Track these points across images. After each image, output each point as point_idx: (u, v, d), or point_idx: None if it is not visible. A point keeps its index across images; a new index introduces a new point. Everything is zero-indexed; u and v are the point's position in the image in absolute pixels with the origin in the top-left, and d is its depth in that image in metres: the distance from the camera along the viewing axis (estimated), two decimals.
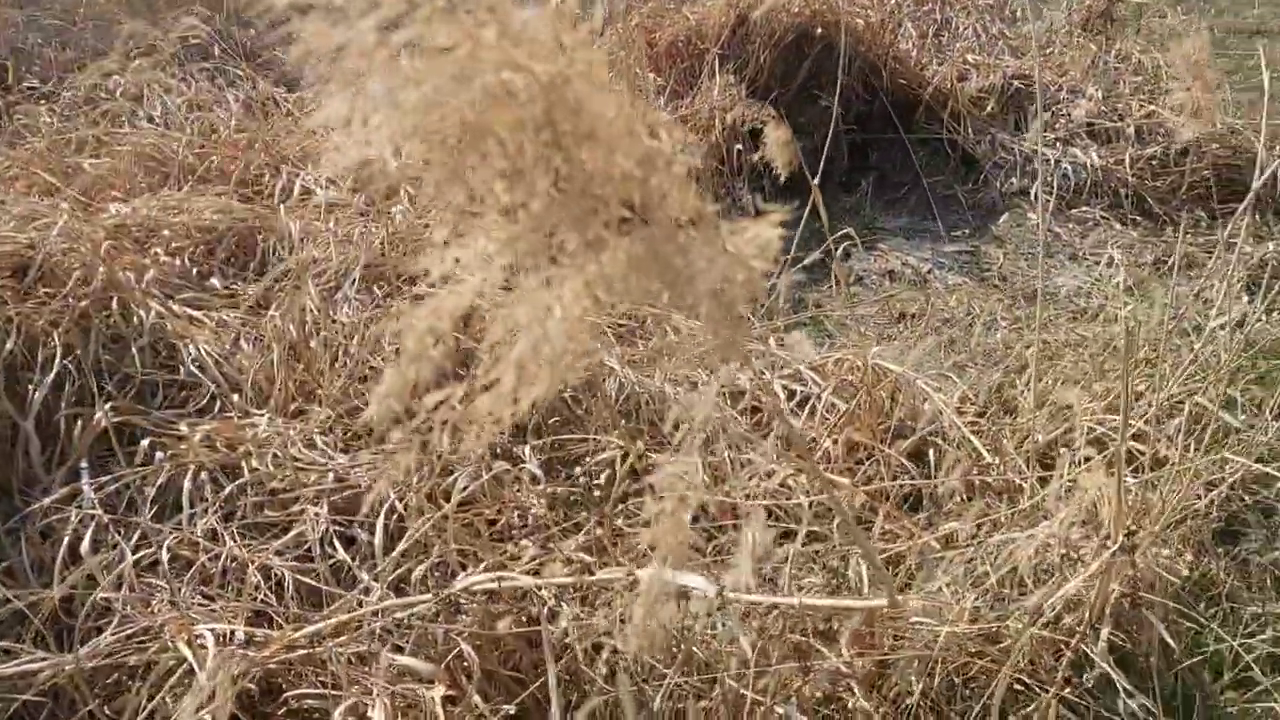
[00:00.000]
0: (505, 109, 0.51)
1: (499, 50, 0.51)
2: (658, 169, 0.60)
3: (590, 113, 0.54)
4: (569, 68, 0.53)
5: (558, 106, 0.53)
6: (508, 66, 0.51)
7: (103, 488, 1.96)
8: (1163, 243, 3.53)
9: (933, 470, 2.13)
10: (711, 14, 4.13)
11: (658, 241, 0.59)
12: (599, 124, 0.55)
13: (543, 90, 0.53)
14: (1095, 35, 5.00)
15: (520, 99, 0.52)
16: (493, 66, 0.50)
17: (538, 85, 0.52)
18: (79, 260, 2.40)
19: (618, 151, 0.56)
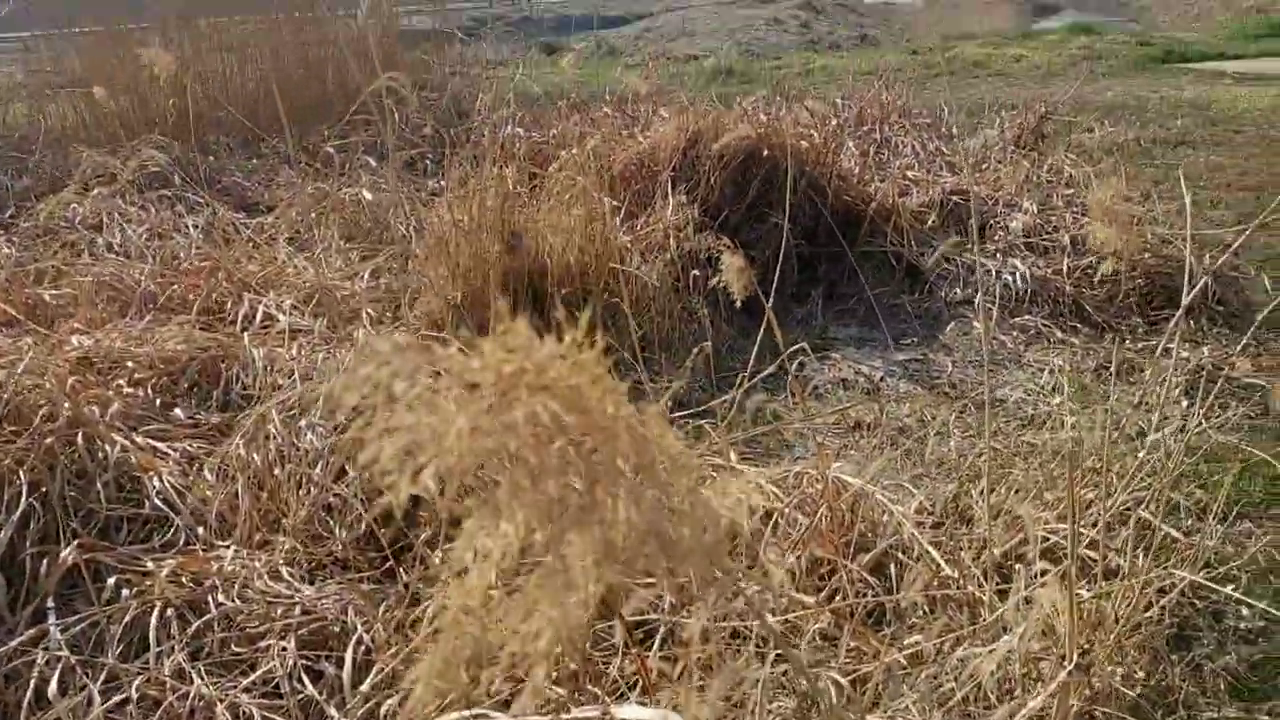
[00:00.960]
0: (531, 432, 0.60)
1: (523, 383, 0.60)
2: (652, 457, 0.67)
3: (596, 410, 0.64)
4: (578, 378, 0.63)
5: (569, 410, 0.63)
6: (532, 394, 0.60)
7: (69, 628, 1.95)
8: (1103, 349, 3.65)
9: (895, 584, 2.18)
10: (664, 138, 4.27)
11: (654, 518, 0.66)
12: (600, 418, 0.64)
13: (558, 401, 0.62)
14: (1028, 151, 5.23)
15: (543, 424, 0.61)
16: (521, 398, 0.59)
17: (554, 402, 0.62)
18: (44, 396, 2.41)
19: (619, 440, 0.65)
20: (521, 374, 0.61)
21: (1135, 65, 11.57)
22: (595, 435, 0.63)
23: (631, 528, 0.63)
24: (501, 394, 0.60)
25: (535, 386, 0.60)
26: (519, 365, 0.61)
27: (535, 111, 6.31)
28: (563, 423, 0.61)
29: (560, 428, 0.61)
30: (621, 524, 0.63)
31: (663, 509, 0.66)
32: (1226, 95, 8.79)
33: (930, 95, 7.50)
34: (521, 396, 0.60)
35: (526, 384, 0.61)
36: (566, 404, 0.62)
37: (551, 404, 0.61)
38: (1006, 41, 15.20)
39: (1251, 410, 3.10)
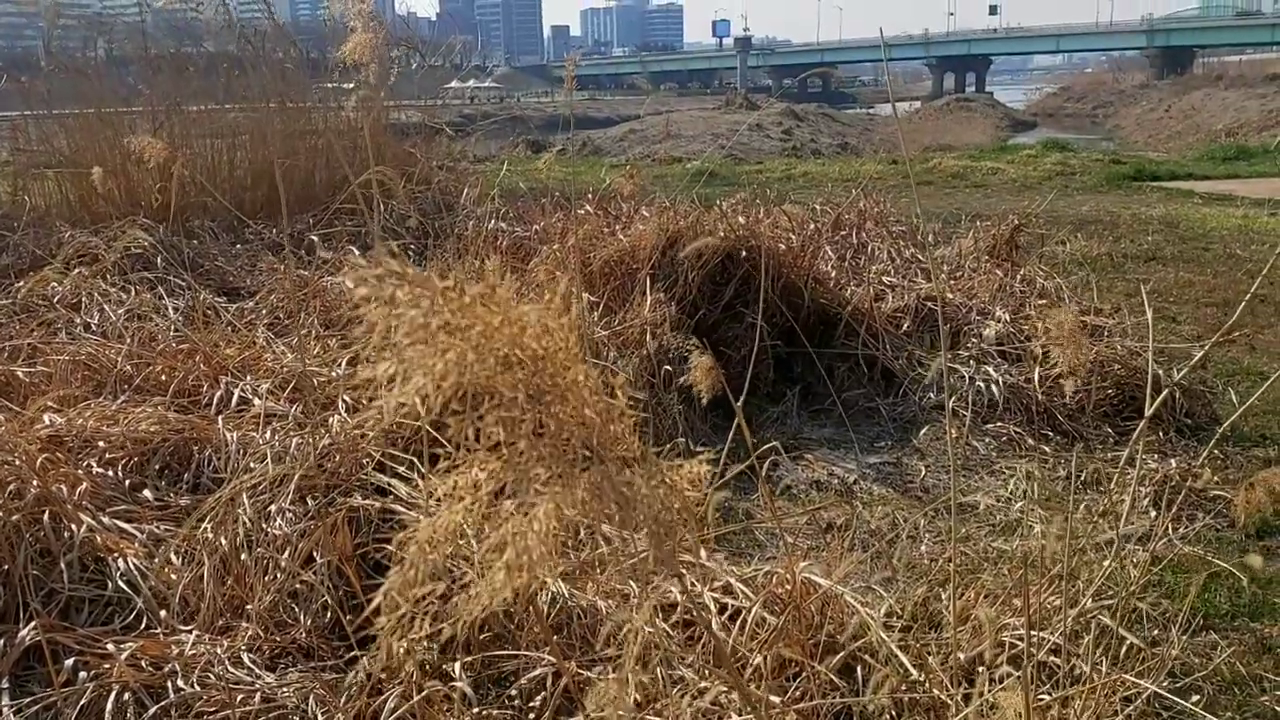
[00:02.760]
0: (507, 375, 0.64)
1: (504, 332, 0.64)
2: (613, 420, 0.73)
3: (566, 378, 0.69)
4: (553, 344, 0.67)
5: (542, 372, 0.67)
6: (511, 343, 0.64)
7: (23, 709, 1.92)
8: (1073, 458, 3.69)
9: (862, 685, 2.16)
10: (644, 237, 4.35)
11: (611, 475, 0.72)
12: (572, 386, 0.70)
13: (533, 360, 0.66)
14: (1002, 261, 5.34)
15: (517, 369, 0.65)
16: (501, 343, 0.64)
17: (531, 358, 0.65)
18: (12, 473, 2.40)
19: (585, 407, 0.69)
20: (503, 326, 0.65)
21: (1108, 182, 11.87)
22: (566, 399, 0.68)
23: (593, 488, 0.68)
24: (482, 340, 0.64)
25: (513, 341, 0.65)
26: (502, 318, 0.65)
27: (519, 207, 6.41)
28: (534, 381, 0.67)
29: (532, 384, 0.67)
30: (584, 481, 0.67)
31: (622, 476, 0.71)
32: (1195, 214, 9.02)
33: (907, 204, 7.67)
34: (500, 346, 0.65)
35: (506, 337, 0.65)
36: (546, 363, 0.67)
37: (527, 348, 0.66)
38: (983, 155, 15.59)
39: (1217, 522, 3.13)
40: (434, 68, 11.63)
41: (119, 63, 8.99)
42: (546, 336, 0.69)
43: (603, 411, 0.74)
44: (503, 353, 0.66)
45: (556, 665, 2.02)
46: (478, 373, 0.66)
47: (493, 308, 0.66)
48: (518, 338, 0.67)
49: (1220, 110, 31.34)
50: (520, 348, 0.67)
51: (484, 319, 0.65)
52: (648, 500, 0.75)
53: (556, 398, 0.71)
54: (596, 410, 0.73)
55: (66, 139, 7.12)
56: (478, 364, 0.65)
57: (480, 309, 0.65)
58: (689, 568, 2.62)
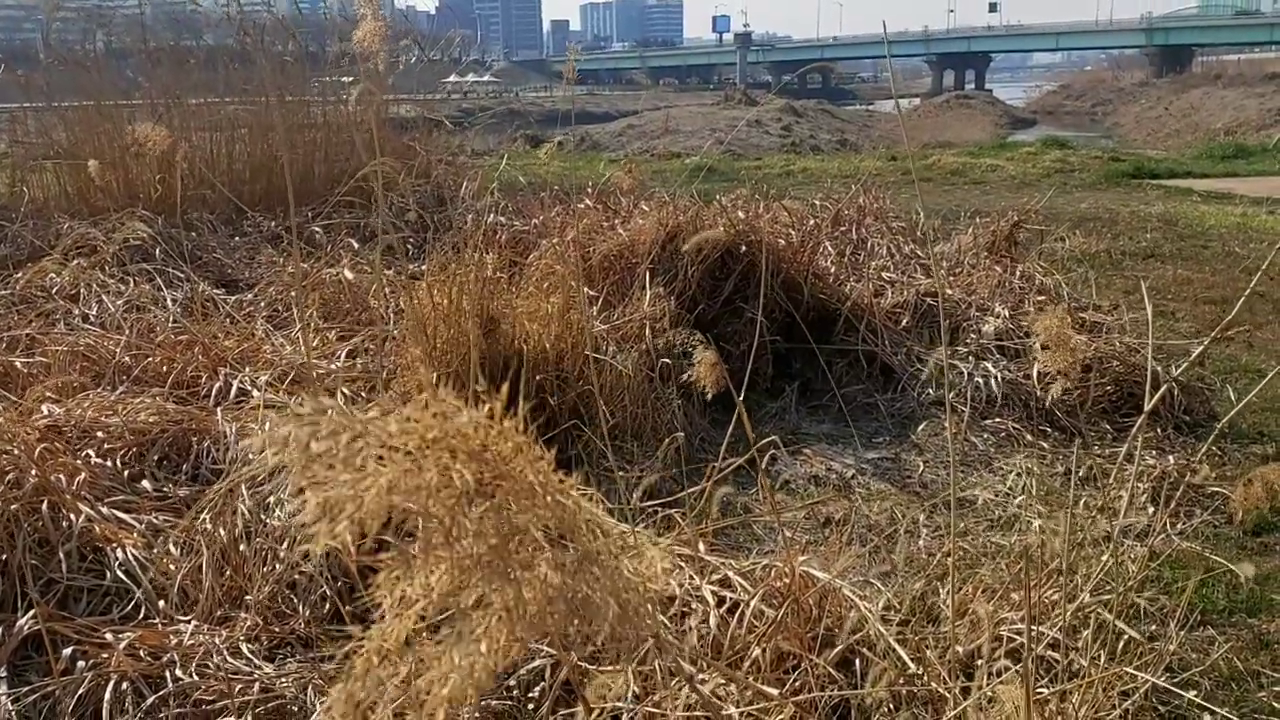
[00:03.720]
0: (444, 492, 0.64)
1: (443, 445, 0.64)
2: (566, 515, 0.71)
3: (513, 469, 0.68)
4: (495, 441, 0.67)
5: (488, 467, 0.66)
6: (448, 454, 0.64)
7: (21, 698, 1.91)
8: (1071, 454, 3.69)
9: (860, 679, 2.17)
10: (644, 232, 4.34)
11: (567, 576, 0.70)
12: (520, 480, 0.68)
13: (474, 458, 0.65)
14: (1001, 257, 5.33)
15: (456, 485, 0.65)
16: (435, 460, 0.64)
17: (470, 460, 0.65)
18: (11, 462, 2.40)
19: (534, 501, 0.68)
20: (443, 439, 0.63)
21: (1107, 179, 11.87)
22: (516, 499, 0.66)
23: (547, 588, 0.66)
24: (420, 456, 0.62)
25: (456, 451, 0.63)
26: (440, 430, 0.63)
27: (518, 201, 6.41)
28: (482, 485, 0.65)
29: (479, 490, 0.65)
30: (538, 583, 0.66)
31: (581, 572, 0.69)
32: (1194, 211, 9.03)
33: (907, 200, 7.67)
34: (441, 459, 0.63)
35: (447, 448, 0.63)
36: (488, 469, 0.65)
37: (468, 469, 0.64)
38: (983, 152, 15.59)
39: (1215, 518, 3.14)
40: (433, 62, 11.60)
41: (118, 55, 8.98)
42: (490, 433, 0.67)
43: (555, 508, 0.71)
44: (436, 472, 0.64)
45: (555, 657, 2.02)
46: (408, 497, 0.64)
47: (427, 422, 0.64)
48: (456, 445, 0.65)
49: (1219, 109, 31.36)
50: (460, 455, 0.65)
51: (419, 434, 0.64)
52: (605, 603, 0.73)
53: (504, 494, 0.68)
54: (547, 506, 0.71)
55: (65, 131, 7.11)
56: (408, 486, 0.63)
57: (414, 424, 0.64)
58: (688, 561, 2.62)
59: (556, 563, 0.68)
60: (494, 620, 0.66)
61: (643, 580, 0.74)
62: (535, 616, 0.67)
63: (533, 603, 0.66)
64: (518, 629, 0.66)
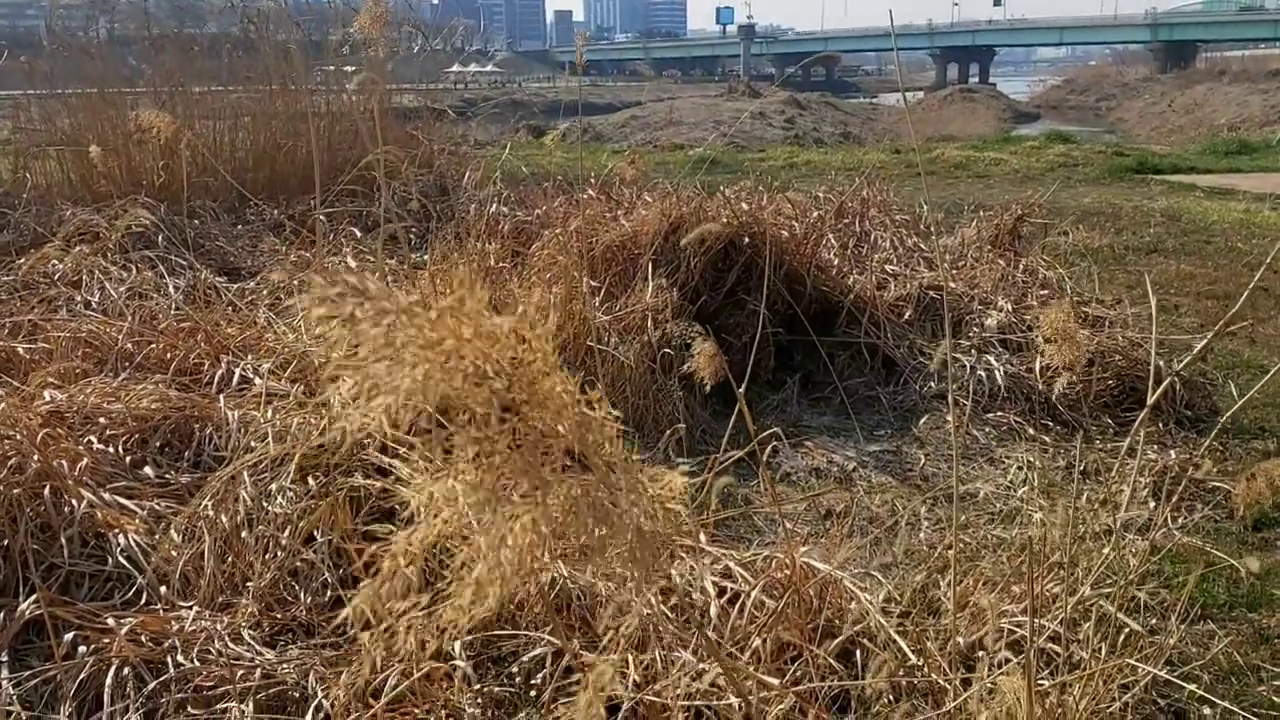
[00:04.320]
0: (478, 389, 0.63)
1: (474, 344, 0.62)
2: (592, 429, 0.71)
3: (541, 388, 0.68)
4: (527, 354, 0.66)
5: (517, 383, 0.66)
6: (482, 357, 0.63)
7: (22, 683, 1.92)
8: (1074, 448, 3.69)
9: (860, 670, 2.17)
10: (646, 223, 4.34)
11: (591, 485, 0.70)
12: (548, 396, 0.68)
13: (506, 372, 0.65)
14: (1004, 251, 5.33)
15: (489, 381, 0.63)
16: (470, 356, 0.62)
17: (503, 370, 0.64)
18: (13, 448, 2.40)
19: (562, 417, 0.68)
20: (473, 340, 0.63)
21: (1110, 174, 11.85)
22: (544, 411, 0.66)
23: (572, 494, 0.66)
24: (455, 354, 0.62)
25: (489, 356, 0.63)
26: (474, 330, 0.63)
27: (521, 191, 6.40)
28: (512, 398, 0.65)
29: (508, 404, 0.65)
30: (564, 490, 0.66)
31: (604, 485, 0.69)
32: (1197, 207, 9.01)
33: (910, 193, 7.65)
34: (476, 361, 0.63)
35: (479, 354, 0.63)
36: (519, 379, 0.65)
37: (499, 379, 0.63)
38: (987, 145, 15.57)
39: (1216, 513, 3.14)
40: (436, 52, 11.58)
41: (121, 42, 8.97)
42: (520, 347, 0.67)
43: (580, 421, 0.71)
44: (472, 368, 0.64)
45: (557, 645, 2.03)
46: (446, 388, 0.64)
47: (462, 320, 0.64)
48: (488, 351, 0.65)
49: (1223, 105, 31.31)
50: (491, 361, 0.65)
51: (453, 332, 0.63)
52: (627, 513, 0.73)
53: (532, 408, 0.68)
54: (573, 419, 0.71)
55: (69, 118, 7.10)
56: (445, 381, 0.63)
57: (450, 321, 0.63)
58: (689, 551, 2.62)
59: (581, 477, 0.68)
60: (520, 523, 0.66)
61: (662, 498, 0.75)
62: (560, 521, 0.67)
63: (558, 508, 0.67)
64: (543, 529, 0.66)
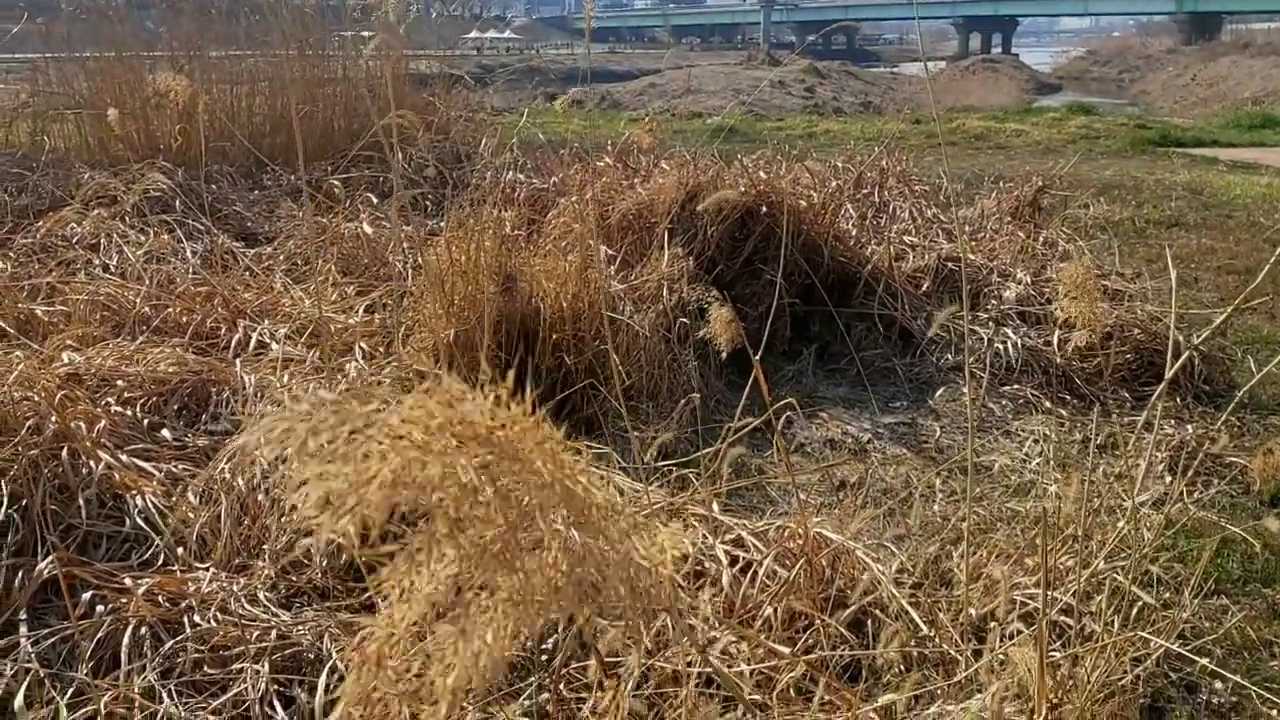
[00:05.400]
0: (452, 481, 0.63)
1: (449, 431, 0.63)
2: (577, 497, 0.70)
3: (521, 456, 0.67)
4: (503, 428, 0.65)
5: (496, 458, 0.65)
6: (455, 441, 0.63)
7: (40, 641, 1.94)
8: (1090, 422, 3.67)
9: (871, 640, 2.18)
10: (663, 191, 4.32)
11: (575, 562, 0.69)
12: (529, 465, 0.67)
13: (481, 443, 0.64)
14: (1024, 223, 5.29)
15: (463, 477, 0.63)
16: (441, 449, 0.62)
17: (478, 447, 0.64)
18: (31, 409, 2.41)
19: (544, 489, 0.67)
20: (448, 425, 0.63)
21: (1132, 147, 11.74)
22: (525, 484, 0.66)
23: (557, 572, 0.65)
24: (425, 444, 0.61)
25: (463, 438, 0.63)
26: (445, 418, 0.63)
27: (537, 158, 6.38)
28: (491, 473, 0.64)
29: (488, 478, 0.64)
30: (548, 569, 0.65)
31: (591, 555, 0.68)
32: (1220, 181, 8.92)
33: (930, 164, 7.59)
34: (447, 449, 0.62)
35: (454, 435, 0.62)
36: (496, 453, 0.64)
37: (474, 457, 0.63)
38: (1008, 116, 15.43)
39: (1232, 488, 3.12)
40: (453, 17, 11.52)
41: (139, 6, 8.94)
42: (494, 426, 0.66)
43: (567, 494, 0.70)
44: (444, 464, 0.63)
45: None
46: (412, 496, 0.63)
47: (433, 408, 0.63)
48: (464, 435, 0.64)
49: (1247, 78, 30.89)
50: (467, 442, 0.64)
51: (423, 422, 0.63)
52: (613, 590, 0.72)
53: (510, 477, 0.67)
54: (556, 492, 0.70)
55: (86, 81, 7.10)
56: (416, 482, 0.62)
57: (420, 410, 0.63)
58: (701, 520, 2.63)
59: (566, 547, 0.67)
60: (500, 608, 0.66)
61: (654, 563, 0.74)
62: (543, 602, 0.66)
63: (541, 588, 0.66)
64: (526, 615, 0.66)
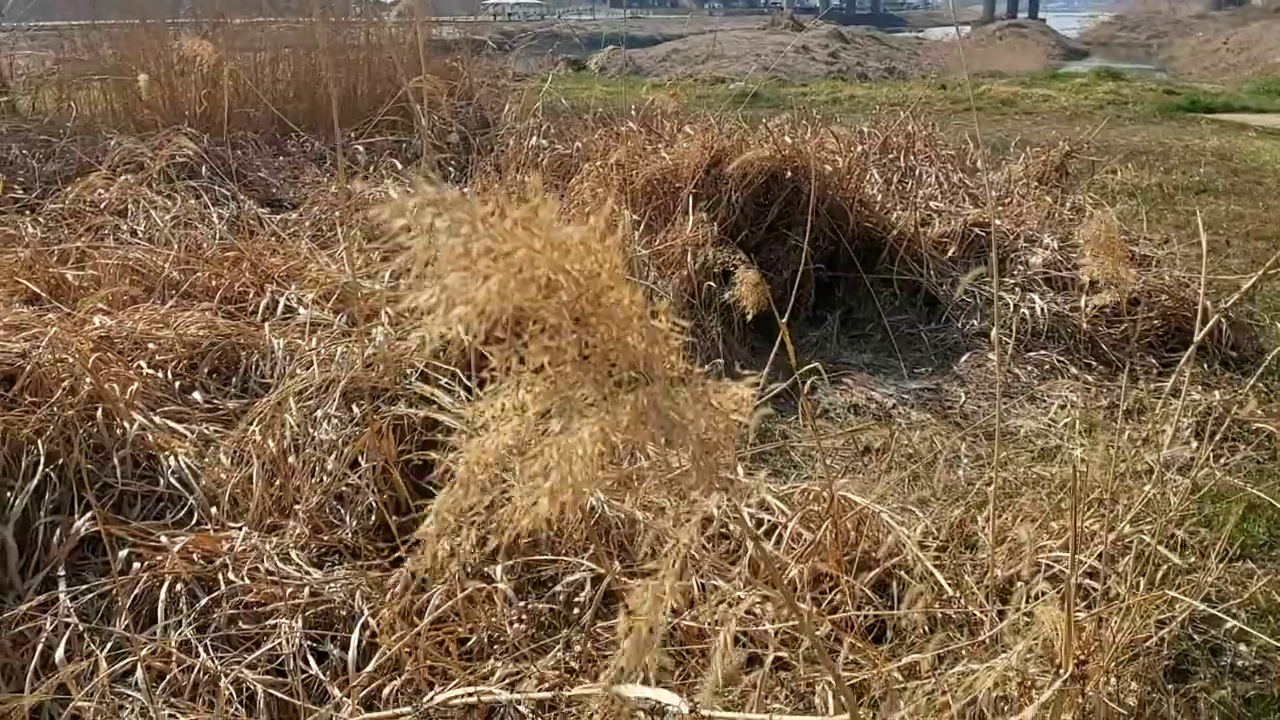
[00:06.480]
0: (550, 299, 0.64)
1: (546, 255, 0.64)
2: (658, 342, 0.73)
3: (610, 300, 0.70)
4: (596, 266, 0.68)
5: (586, 295, 0.69)
6: (554, 268, 0.65)
7: (79, 597, 1.98)
8: (1116, 387, 3.66)
9: (896, 602, 2.19)
10: (688, 155, 4.31)
11: (657, 397, 0.72)
12: (616, 308, 0.70)
13: (576, 283, 0.67)
14: (1051, 188, 5.25)
15: (561, 292, 0.65)
16: (544, 267, 0.63)
17: (574, 281, 0.66)
18: (66, 371, 2.45)
19: (629, 329, 0.70)
20: (545, 250, 0.65)
21: (1160, 112, 11.60)
22: (609, 322, 0.68)
23: (640, 403, 0.68)
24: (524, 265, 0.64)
25: (559, 267, 0.65)
26: (544, 241, 0.65)
27: (560, 124, 6.37)
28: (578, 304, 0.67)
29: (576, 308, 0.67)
30: (632, 399, 0.68)
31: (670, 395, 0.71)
32: (1249, 147, 8.82)
33: (956, 129, 7.54)
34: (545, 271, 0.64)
35: (550, 264, 0.65)
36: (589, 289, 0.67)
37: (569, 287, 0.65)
38: (1035, 82, 15.26)
39: (1258, 454, 3.11)
40: None
41: None
42: (589, 258, 0.68)
43: (647, 334, 0.73)
44: (545, 278, 0.66)
45: (596, 569, 2.06)
46: (520, 299, 0.65)
47: (535, 231, 0.65)
48: (560, 261, 0.67)
49: (1278, 43, 30.39)
50: (563, 271, 0.67)
51: (525, 243, 0.65)
52: (693, 423, 0.75)
53: (600, 320, 0.70)
54: (640, 332, 0.73)
55: (111, 48, 7.12)
56: (519, 290, 0.64)
57: (521, 232, 0.65)
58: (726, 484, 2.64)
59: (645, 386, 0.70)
60: (589, 429, 0.68)
61: (726, 410, 0.77)
62: (628, 426, 0.69)
63: (626, 415, 0.68)
64: (612, 435, 0.68)
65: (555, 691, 1.45)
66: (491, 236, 0.63)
